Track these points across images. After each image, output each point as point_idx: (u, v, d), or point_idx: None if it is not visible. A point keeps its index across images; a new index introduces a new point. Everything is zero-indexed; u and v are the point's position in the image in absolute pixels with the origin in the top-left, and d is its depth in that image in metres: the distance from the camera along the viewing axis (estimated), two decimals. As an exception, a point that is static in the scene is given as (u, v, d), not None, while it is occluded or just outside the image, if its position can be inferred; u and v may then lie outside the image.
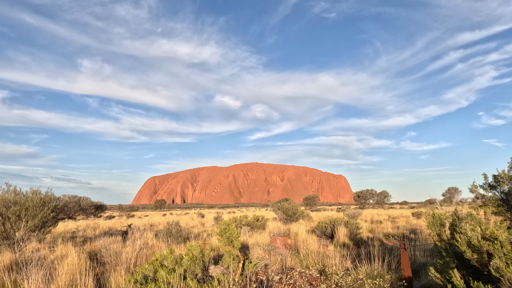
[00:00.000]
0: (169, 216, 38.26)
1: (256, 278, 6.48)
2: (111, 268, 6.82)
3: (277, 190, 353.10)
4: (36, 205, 10.19)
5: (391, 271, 6.38)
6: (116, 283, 5.63)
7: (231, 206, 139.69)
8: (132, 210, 67.93)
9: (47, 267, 6.48)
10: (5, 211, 9.62)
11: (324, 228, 13.03)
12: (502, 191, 4.90)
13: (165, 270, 4.93)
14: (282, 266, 7.56)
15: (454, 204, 24.27)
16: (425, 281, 5.73)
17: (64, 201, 36.98)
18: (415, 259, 7.39)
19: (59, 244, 10.68)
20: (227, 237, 6.08)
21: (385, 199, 56.80)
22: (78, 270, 5.79)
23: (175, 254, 5.50)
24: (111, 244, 8.77)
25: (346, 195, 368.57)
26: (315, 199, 61.93)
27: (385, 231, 14.52)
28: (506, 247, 3.41)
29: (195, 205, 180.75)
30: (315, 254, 7.78)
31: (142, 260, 7.84)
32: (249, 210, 64.26)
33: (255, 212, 37.62)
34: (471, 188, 5.17)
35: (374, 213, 30.18)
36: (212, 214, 35.84)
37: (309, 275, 6.53)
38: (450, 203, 44.28)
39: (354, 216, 21.46)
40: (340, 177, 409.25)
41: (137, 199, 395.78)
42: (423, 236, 12.19)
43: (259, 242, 10.67)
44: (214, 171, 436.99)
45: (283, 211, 21.13)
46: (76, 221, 29.84)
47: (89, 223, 25.34)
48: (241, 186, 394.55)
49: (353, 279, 5.77)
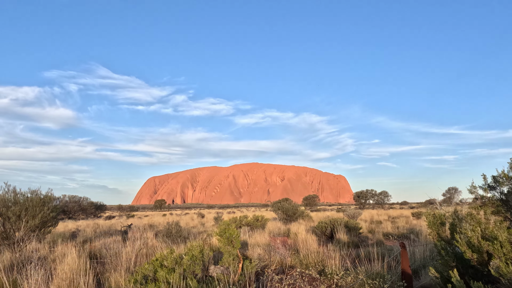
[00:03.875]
0: (169, 216, 38.25)
1: (256, 278, 6.48)
2: (111, 268, 6.82)
3: (277, 190, 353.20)
4: (36, 205, 10.19)
5: (391, 271, 6.38)
6: (116, 283, 5.63)
7: (231, 206, 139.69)
8: (132, 210, 67.91)
9: (47, 267, 6.48)
10: (5, 211, 9.63)
11: (324, 228, 13.03)
12: (502, 192, 4.91)
13: (165, 270, 4.93)
14: (282, 266, 7.56)
15: (454, 204, 24.28)
16: (425, 281, 5.73)
17: (64, 201, 36.98)
18: (415, 259, 7.39)
19: (59, 244, 10.68)
20: (227, 237, 6.08)
21: (385, 199, 56.82)
22: (78, 270, 5.79)
23: (175, 254, 5.51)
24: (111, 244, 8.77)
25: (346, 195, 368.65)
26: (315, 199, 61.97)
27: (385, 231, 14.51)
28: (506, 247, 3.41)
29: (195, 205, 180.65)
30: (315, 254, 7.78)
31: (142, 260, 7.84)
32: (249, 210, 64.24)
33: (255, 212, 37.62)
34: (470, 189, 5.17)
35: (374, 213, 30.19)
36: (212, 214, 35.83)
37: (309, 275, 6.53)
38: (450, 203, 44.29)
39: (354, 216, 21.47)
40: (340, 177, 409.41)
41: (137, 199, 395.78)
42: (423, 236, 12.19)
43: (259, 242, 10.67)
44: (214, 171, 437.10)
45: (283, 211, 21.13)
46: (76, 221, 29.84)
47: (89, 223, 25.34)
48: (241, 186, 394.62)
49: (353, 279, 5.78)
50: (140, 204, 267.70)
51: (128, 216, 40.28)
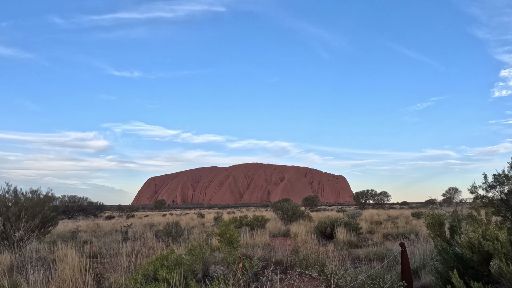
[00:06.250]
0: (169, 216, 38.25)
1: (256, 278, 6.48)
2: (111, 268, 6.81)
3: (277, 190, 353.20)
4: (36, 205, 10.19)
5: (391, 271, 6.38)
6: (116, 283, 5.62)
7: (231, 206, 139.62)
8: (132, 210, 67.87)
9: (47, 267, 6.48)
10: (5, 211, 9.62)
11: (324, 228, 13.03)
12: (502, 191, 4.91)
13: (165, 270, 4.93)
14: (282, 266, 7.56)
15: (454, 204, 24.26)
16: (425, 281, 5.72)
17: (64, 201, 36.98)
18: (415, 259, 7.38)
19: (59, 244, 10.68)
20: (227, 238, 6.08)
21: (385, 200, 56.82)
22: (78, 270, 5.79)
23: (175, 254, 5.51)
24: (111, 244, 8.77)
25: (346, 196, 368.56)
26: (315, 199, 61.96)
27: (385, 231, 14.51)
28: (506, 247, 3.41)
29: (195, 206, 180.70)
30: (315, 254, 7.78)
31: (142, 260, 7.84)
32: (249, 210, 64.19)
33: (255, 213, 37.60)
34: (471, 188, 5.17)
35: (374, 213, 30.17)
36: (212, 215, 35.82)
37: (309, 275, 6.53)
38: (450, 203, 44.24)
39: (354, 216, 21.47)
40: (340, 178, 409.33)
41: (137, 200, 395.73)
42: (423, 236, 12.18)
43: (259, 242, 10.67)
44: (214, 171, 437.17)
45: (283, 211, 21.13)
46: (76, 221, 29.83)
47: (89, 223, 25.35)
48: (241, 186, 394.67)
49: (353, 279, 5.77)
50: (140, 204, 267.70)
51: (128, 216, 40.27)
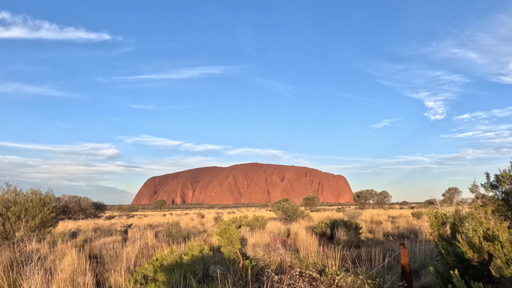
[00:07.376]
0: (169, 216, 38.22)
1: (256, 278, 6.47)
2: (111, 268, 6.80)
3: (277, 190, 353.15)
4: (36, 206, 10.18)
5: (391, 271, 6.37)
6: (116, 283, 5.62)
7: (231, 206, 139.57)
8: (132, 210, 67.87)
9: (47, 267, 6.47)
10: (5, 211, 9.61)
11: (324, 228, 13.02)
12: (503, 191, 4.90)
13: (165, 270, 4.92)
14: (282, 266, 7.55)
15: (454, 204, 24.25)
16: (425, 281, 5.72)
17: (64, 201, 36.97)
18: (415, 259, 7.38)
19: (59, 244, 10.68)
20: (227, 238, 6.07)
21: (385, 199, 56.78)
22: (78, 270, 5.78)
23: (175, 254, 5.50)
24: (111, 244, 8.76)
25: (346, 195, 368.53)
26: (315, 199, 61.91)
27: (385, 231, 14.50)
28: (506, 247, 3.40)
29: (195, 205, 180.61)
30: (315, 254, 7.77)
31: (142, 260, 7.83)
32: (249, 210, 64.17)
33: (255, 212, 37.60)
34: (471, 188, 5.16)
35: (374, 213, 30.16)
36: (212, 214, 35.81)
37: (309, 275, 6.52)
38: (450, 203, 44.28)
39: (354, 216, 21.45)
40: (340, 178, 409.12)
41: (137, 200, 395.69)
42: (423, 236, 12.19)
43: (259, 242, 10.66)
44: (214, 171, 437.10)
45: (283, 211, 21.12)
46: (76, 221, 29.83)
47: (89, 223, 25.34)
48: (241, 186, 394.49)
49: (353, 279, 5.76)
50: (140, 204, 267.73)
51: (128, 216, 40.26)
